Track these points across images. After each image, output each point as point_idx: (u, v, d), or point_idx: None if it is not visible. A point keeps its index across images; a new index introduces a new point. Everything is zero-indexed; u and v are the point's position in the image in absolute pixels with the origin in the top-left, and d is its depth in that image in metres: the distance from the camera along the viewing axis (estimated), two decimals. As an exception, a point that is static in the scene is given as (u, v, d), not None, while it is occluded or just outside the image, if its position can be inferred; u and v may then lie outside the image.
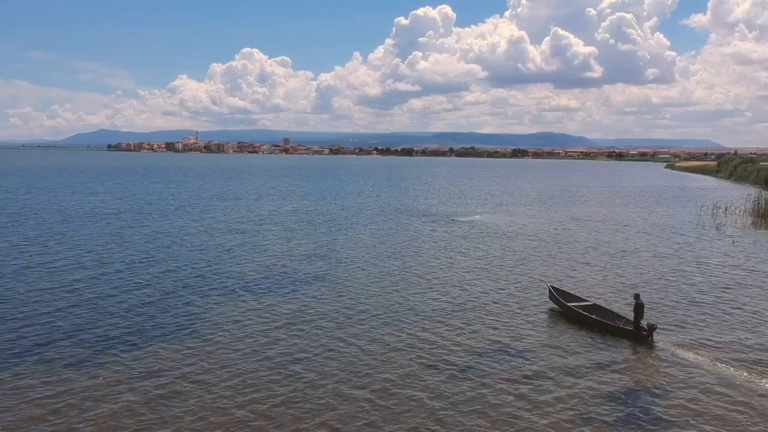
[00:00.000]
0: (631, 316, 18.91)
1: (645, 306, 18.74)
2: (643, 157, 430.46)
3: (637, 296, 18.89)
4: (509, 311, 21.44)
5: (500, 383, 14.80)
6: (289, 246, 34.74)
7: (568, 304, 20.82)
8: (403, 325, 19.41)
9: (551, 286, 22.57)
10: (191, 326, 19.08)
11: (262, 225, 43.70)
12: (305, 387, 14.53)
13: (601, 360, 16.55)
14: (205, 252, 32.06)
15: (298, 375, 15.26)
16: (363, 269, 28.43)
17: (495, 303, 22.52)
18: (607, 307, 20.72)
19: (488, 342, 17.95)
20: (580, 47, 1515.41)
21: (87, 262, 28.55)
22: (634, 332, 18.27)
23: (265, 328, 19.06)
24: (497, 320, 20.23)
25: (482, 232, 41.62)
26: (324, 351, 17.01)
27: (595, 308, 20.54)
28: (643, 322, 18.20)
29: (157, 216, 47.59)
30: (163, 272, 26.77)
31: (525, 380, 15.02)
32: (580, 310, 20.21)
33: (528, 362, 16.30)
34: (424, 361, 16.30)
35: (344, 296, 23.22)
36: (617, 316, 19.71)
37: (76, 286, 23.69)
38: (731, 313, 21.57)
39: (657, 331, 17.92)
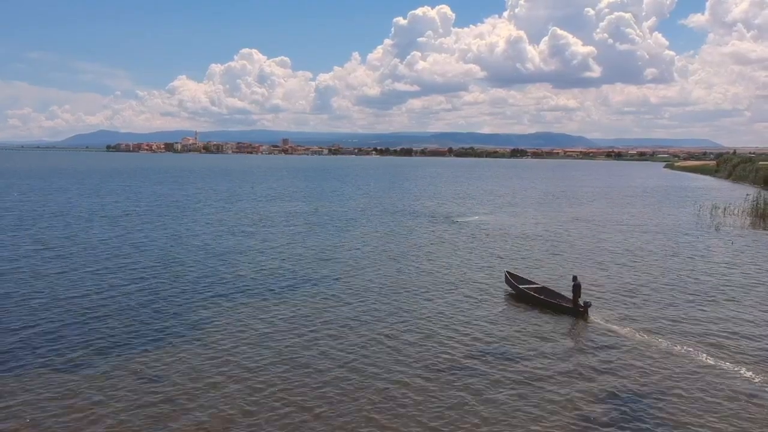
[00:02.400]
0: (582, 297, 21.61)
1: (582, 287, 21.71)
2: (642, 156, 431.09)
3: (574, 278, 22.01)
4: (475, 296, 24.12)
5: (461, 350, 17.62)
6: (294, 248, 34.88)
7: (520, 286, 23.68)
8: (383, 311, 20.48)
9: (507, 272, 25.48)
10: (202, 329, 19.27)
11: (270, 227, 43.86)
12: (304, 387, 14.78)
13: (545, 330, 19.67)
14: (216, 255, 32.22)
15: (299, 377, 15.49)
16: (365, 271, 28.65)
17: (469, 289, 25.28)
18: (554, 290, 23.48)
19: (455, 321, 20.64)
20: (578, 47, 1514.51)
21: (97, 265, 28.73)
22: (572, 309, 21.15)
23: (267, 331, 19.24)
24: (465, 303, 23.07)
25: (480, 233, 41.83)
26: (324, 352, 17.26)
27: (543, 290, 23.38)
28: (581, 301, 21.06)
29: (166, 219, 47.73)
30: (174, 276, 26.90)
31: (482, 346, 18.06)
32: (530, 292, 23.07)
33: (487, 333, 19.28)
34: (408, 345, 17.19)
35: (347, 300, 23.44)
36: (561, 296, 22.56)
37: (88, 290, 23.85)
38: (667, 294, 24.71)
39: (591, 307, 20.92)
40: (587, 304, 20.82)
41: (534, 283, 24.33)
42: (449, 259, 32.03)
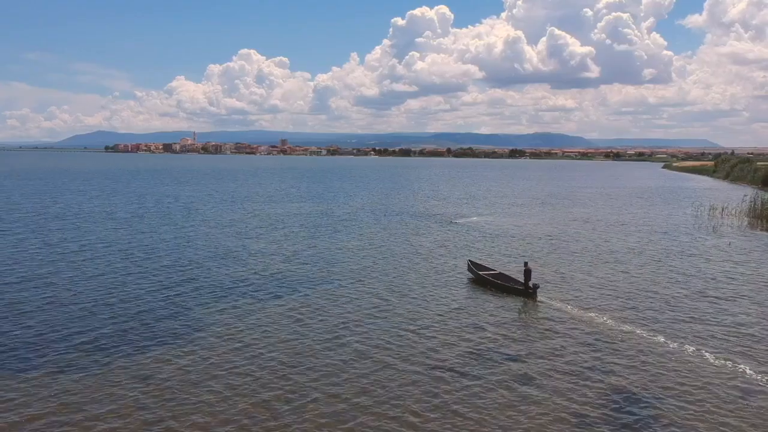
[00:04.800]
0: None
1: (532, 271, 24.89)
2: (641, 157, 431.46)
3: (525, 263, 25.01)
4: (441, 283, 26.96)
5: (431, 323, 21.11)
6: (291, 249, 35.07)
7: (480, 273, 26.60)
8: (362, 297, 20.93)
9: (469, 260, 28.59)
10: (207, 331, 19.44)
11: (278, 229, 44.11)
12: (290, 386, 14.99)
13: (500, 307, 23.02)
14: (222, 257, 32.38)
15: (285, 373, 15.70)
16: (366, 271, 28.93)
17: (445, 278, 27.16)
18: (510, 275, 26.48)
19: (428, 301, 24.13)
20: (576, 47, 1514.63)
21: (104, 267, 28.94)
22: (523, 290, 24.20)
23: (259, 331, 19.46)
24: (438, 288, 26.12)
25: (477, 234, 42.12)
26: (317, 352, 17.51)
27: (500, 275, 26.43)
28: (531, 283, 24.09)
29: (172, 220, 47.88)
30: (182, 278, 27.08)
31: (449, 317, 21.80)
32: (488, 277, 26.11)
33: (454, 309, 22.93)
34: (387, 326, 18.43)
35: (344, 302, 23.73)
36: (515, 280, 25.55)
37: (95, 292, 24.04)
38: (638, 286, 26.95)
39: (539, 289, 24.11)
40: (536, 286, 23.96)
41: (492, 270, 27.36)
42: (444, 258, 32.27)
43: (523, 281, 24.56)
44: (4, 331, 18.85)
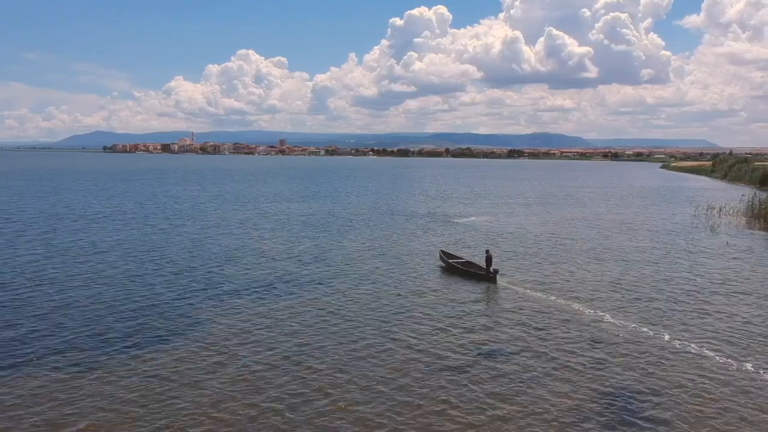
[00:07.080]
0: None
1: (493, 258, 27.86)
2: (639, 157, 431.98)
3: (487, 251, 28.42)
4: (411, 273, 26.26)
5: (408, 301, 24.18)
6: (294, 249, 35.35)
7: (449, 261, 29.80)
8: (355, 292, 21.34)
9: (441, 250, 31.75)
10: (211, 329, 19.68)
11: (275, 229, 44.43)
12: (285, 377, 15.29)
13: (465, 289, 25.99)
14: (225, 258, 32.64)
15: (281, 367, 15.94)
16: (364, 270, 29.29)
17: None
18: (475, 262, 29.37)
19: (408, 287, 27.02)
20: (574, 48, 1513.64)
21: (104, 266, 29.18)
22: (485, 275, 27.26)
23: (256, 330, 19.71)
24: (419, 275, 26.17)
25: (475, 233, 42.47)
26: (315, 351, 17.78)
27: (467, 263, 29.54)
28: (492, 269, 27.07)
29: (174, 221, 48.07)
30: (185, 278, 27.37)
31: (423, 296, 24.92)
32: (456, 264, 29.35)
33: (429, 290, 26.05)
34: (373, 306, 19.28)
35: (343, 298, 24.02)
36: (479, 267, 28.44)
37: (95, 291, 24.26)
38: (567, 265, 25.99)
39: (499, 274, 27.08)
40: (495, 271, 27.00)
41: (461, 258, 30.53)
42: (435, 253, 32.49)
43: (486, 267, 27.58)
44: (7, 330, 19.02)
